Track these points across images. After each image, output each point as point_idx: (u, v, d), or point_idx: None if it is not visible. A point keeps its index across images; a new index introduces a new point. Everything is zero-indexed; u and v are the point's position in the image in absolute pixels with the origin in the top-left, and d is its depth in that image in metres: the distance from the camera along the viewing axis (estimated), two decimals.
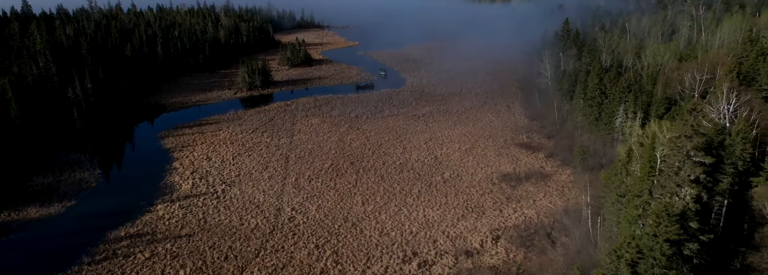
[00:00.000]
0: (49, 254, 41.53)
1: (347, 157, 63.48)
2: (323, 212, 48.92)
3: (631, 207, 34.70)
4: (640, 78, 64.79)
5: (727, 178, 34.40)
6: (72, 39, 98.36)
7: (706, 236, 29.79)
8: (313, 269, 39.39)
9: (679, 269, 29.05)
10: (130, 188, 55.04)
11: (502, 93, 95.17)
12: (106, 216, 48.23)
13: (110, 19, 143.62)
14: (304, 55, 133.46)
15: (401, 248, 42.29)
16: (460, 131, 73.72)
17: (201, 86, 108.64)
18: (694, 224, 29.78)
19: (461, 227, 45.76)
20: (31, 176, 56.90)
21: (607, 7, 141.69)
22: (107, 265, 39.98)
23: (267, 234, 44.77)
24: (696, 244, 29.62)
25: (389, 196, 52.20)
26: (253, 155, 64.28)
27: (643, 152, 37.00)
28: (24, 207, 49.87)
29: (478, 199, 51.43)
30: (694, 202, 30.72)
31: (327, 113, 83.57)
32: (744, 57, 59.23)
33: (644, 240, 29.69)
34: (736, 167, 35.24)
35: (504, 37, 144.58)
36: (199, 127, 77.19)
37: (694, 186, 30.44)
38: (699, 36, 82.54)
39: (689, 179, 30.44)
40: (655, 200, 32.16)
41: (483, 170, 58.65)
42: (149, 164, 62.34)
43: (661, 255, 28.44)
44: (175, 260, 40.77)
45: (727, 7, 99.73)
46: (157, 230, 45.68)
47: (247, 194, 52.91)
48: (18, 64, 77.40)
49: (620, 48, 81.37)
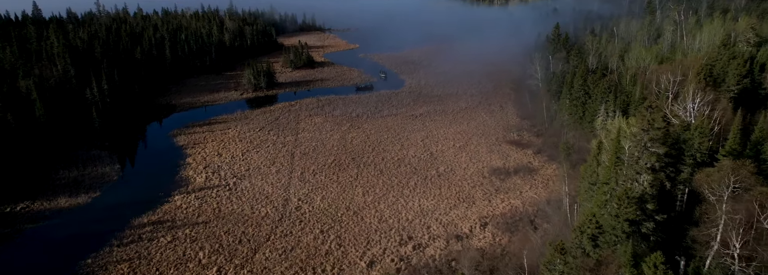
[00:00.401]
0: (82, 238, 46.11)
1: (349, 153, 68.08)
2: (327, 202, 53.52)
3: (600, 193, 39.19)
4: (622, 79, 69.47)
5: (687, 168, 38.90)
6: (86, 42, 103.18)
7: (660, 216, 34.34)
8: (319, 251, 43.95)
9: (638, 245, 33.61)
10: (148, 182, 59.66)
11: (496, 94, 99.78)
12: (128, 205, 52.79)
13: (120, 23, 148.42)
14: (306, 58, 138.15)
15: (398, 233, 46.85)
16: (455, 129, 78.32)
17: (208, 87, 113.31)
18: (650, 206, 34.37)
19: (453, 215, 50.32)
20: (57, 170, 61.55)
21: (600, 11, 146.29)
22: (134, 247, 44.57)
23: (276, 221, 49.36)
24: (652, 223, 34.21)
25: (387, 188, 56.78)
26: (261, 152, 68.90)
27: (610, 145, 41.56)
28: (54, 197, 54.53)
29: (469, 191, 55.99)
30: (650, 187, 35.34)
31: (329, 113, 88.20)
32: (717, 60, 64.02)
33: (608, 220, 34.34)
34: (695, 158, 39.72)
35: (500, 40, 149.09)
36: (209, 126, 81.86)
37: (650, 173, 35.01)
38: (681, 40, 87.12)
39: (646, 167, 35.03)
40: (619, 186, 36.70)
41: (475, 165, 63.22)
42: (164, 160, 66.96)
43: (622, 232, 33.08)
44: (194, 243, 45.35)
45: (710, 11, 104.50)
46: (176, 217, 50.29)
47: (256, 187, 57.52)
48: (39, 66, 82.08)
49: (607, 51, 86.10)
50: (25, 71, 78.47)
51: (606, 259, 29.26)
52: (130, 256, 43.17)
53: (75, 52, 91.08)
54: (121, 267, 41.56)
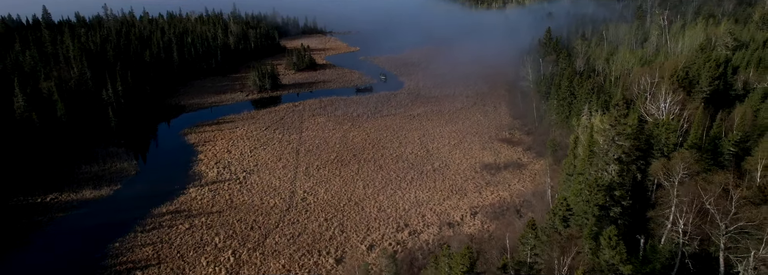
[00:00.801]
0: (108, 225, 50.69)
1: (350, 150, 72.70)
2: (330, 194, 58.11)
3: (576, 182, 43.75)
4: (606, 81, 74.14)
5: (656, 161, 43.48)
6: (98, 46, 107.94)
7: (626, 201, 38.89)
8: (324, 236, 48.53)
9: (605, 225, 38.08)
10: (164, 176, 64.25)
11: (490, 95, 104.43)
12: (147, 197, 57.37)
13: (128, 27, 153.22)
14: (309, 60, 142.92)
15: (395, 221, 51.43)
16: (451, 128, 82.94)
17: (215, 88, 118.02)
18: (618, 192, 38.89)
19: (446, 205, 54.89)
20: (79, 165, 66.17)
21: (594, 15, 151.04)
22: (156, 233, 49.16)
23: (284, 211, 53.96)
24: (619, 208, 38.74)
25: (386, 181, 61.36)
26: (268, 149, 73.53)
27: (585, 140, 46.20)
28: (79, 189, 59.15)
29: (461, 184, 60.58)
30: (618, 176, 39.87)
31: (331, 113, 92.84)
32: (693, 63, 68.70)
33: (580, 205, 38.92)
34: (662, 152, 44.30)
35: (496, 42, 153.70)
36: (218, 125, 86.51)
37: (617, 164, 39.58)
38: (666, 44, 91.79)
39: (614, 158, 39.61)
40: (591, 176, 41.27)
41: (468, 161, 67.81)
42: (177, 157, 71.59)
43: (592, 216, 37.63)
44: (210, 229, 49.94)
45: (696, 16, 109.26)
46: (192, 207, 54.89)
47: (265, 180, 62.12)
48: (57, 69, 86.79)
49: (595, 54, 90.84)
50: (45, 73, 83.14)
51: (574, 235, 33.82)
52: (152, 241, 47.76)
53: (89, 55, 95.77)
54: (145, 249, 46.15)
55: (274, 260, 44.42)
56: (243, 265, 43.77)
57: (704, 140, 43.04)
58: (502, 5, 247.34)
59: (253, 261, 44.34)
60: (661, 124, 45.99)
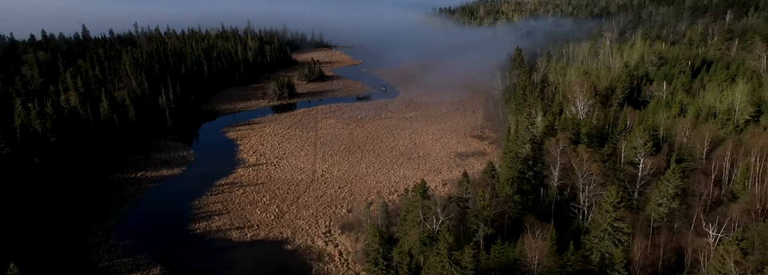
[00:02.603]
0: (186, 192, 71.98)
1: (355, 143, 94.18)
2: (341, 172, 79.48)
3: (507, 157, 65.01)
4: (555, 90, 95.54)
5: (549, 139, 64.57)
6: (146, 61, 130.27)
7: (537, 167, 60.15)
8: (338, 197, 69.81)
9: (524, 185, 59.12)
10: (216, 161, 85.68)
11: (470, 102, 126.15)
12: (207, 175, 78.75)
13: (160, 43, 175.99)
14: (318, 72, 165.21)
15: (388, 188, 72.68)
16: (435, 127, 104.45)
17: (240, 96, 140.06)
18: (530, 162, 60.21)
19: (425, 179, 75.97)
20: (151, 153, 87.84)
21: (568, 32, 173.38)
22: (220, 196, 70.53)
23: (309, 183, 75.32)
24: (532, 172, 59.95)
25: (382, 164, 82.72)
26: (292, 142, 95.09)
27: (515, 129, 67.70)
28: (158, 170, 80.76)
29: (438, 166, 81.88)
30: (531, 151, 61.13)
31: (339, 116, 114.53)
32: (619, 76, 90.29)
33: (507, 171, 60.17)
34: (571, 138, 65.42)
35: (481, 56, 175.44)
36: (249, 125, 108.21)
37: (530, 143, 60.91)
38: (607, 60, 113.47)
39: (527, 139, 61.01)
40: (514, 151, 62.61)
41: (445, 151, 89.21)
42: (223, 148, 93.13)
43: (513, 178, 58.85)
44: (258, 193, 71.29)
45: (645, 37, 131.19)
46: (242, 180, 76.28)
47: (292, 163, 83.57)
48: (122, 81, 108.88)
49: (552, 68, 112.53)
50: (113, 84, 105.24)
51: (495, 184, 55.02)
52: (220, 200, 69.13)
53: (141, 69, 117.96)
54: (216, 205, 67.50)
55: (305, 210, 65.75)
56: (284, 214, 65.09)
57: (598, 129, 64.63)
58: (493, 21, 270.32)
59: (291, 211, 65.70)
60: (568, 118, 67.67)
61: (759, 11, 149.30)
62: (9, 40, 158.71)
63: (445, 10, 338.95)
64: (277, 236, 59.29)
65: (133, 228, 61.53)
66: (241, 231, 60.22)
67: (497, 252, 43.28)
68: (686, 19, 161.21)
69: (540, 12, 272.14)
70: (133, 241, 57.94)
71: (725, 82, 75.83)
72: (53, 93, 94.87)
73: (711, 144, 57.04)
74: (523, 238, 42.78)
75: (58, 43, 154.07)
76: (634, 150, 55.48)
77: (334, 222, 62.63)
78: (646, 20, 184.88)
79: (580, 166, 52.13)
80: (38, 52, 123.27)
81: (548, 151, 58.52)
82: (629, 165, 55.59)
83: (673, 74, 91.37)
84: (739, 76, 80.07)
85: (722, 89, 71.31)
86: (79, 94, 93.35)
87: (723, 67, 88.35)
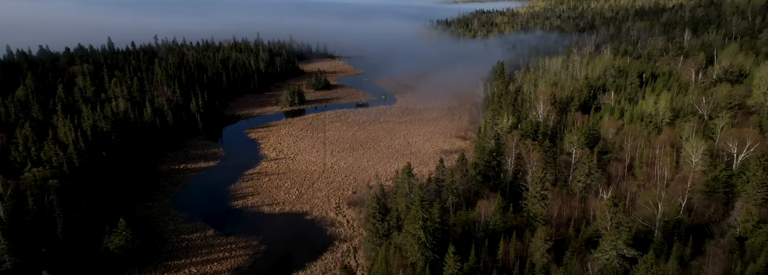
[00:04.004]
0: (222, 179, 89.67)
1: (358, 142, 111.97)
2: (347, 164, 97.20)
3: (477, 150, 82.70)
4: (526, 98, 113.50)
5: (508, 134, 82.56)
6: (175, 71, 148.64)
7: (500, 157, 77.88)
8: (345, 183, 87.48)
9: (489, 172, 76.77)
10: (243, 156, 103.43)
11: (458, 108, 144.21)
12: (238, 166, 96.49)
13: (180, 55, 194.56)
14: (324, 82, 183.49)
15: (385, 176, 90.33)
16: (426, 130, 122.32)
17: (255, 103, 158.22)
18: (495, 153, 77.97)
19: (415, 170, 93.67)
20: (188, 150, 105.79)
21: (546, 46, 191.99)
22: (251, 182, 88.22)
23: (321, 172, 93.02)
24: (496, 162, 77.64)
25: (380, 159, 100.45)
26: (305, 141, 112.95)
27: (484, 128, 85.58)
28: (196, 163, 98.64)
29: (427, 160, 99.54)
30: (495, 145, 78.93)
31: (344, 120, 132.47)
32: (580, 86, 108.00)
33: (477, 161, 77.88)
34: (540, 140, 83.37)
35: (471, 68, 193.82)
36: (267, 128, 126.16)
37: (494, 140, 78.69)
38: (577, 71, 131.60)
39: (492, 136, 78.84)
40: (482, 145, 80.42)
41: (433, 148, 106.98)
42: (247, 146, 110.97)
43: (481, 166, 76.54)
44: (280, 180, 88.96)
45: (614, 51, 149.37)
46: (267, 171, 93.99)
47: (306, 158, 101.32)
48: (158, 90, 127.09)
49: (527, 79, 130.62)
50: (151, 92, 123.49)
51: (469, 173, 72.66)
52: (251, 185, 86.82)
53: (173, 79, 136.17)
54: (248, 188, 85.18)
55: (319, 192, 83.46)
56: (303, 195, 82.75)
57: (552, 129, 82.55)
58: (486, 34, 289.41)
59: (308, 193, 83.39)
60: (530, 121, 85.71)
61: (718, 29, 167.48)
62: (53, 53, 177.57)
63: (442, 23, 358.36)
64: (298, 210, 77.03)
65: (187, 204, 79.37)
66: (270, 206, 78.00)
67: (461, 214, 61.01)
68: (657, 34, 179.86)
69: (531, 24, 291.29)
70: (188, 213, 75.67)
71: (659, 92, 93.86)
72: (105, 100, 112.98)
73: (632, 140, 74.79)
74: (479, 204, 60.47)
75: (98, 55, 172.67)
76: (570, 144, 73.33)
77: (342, 200, 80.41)
78: (624, 34, 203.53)
79: (528, 155, 70.04)
80: (84, 65, 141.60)
81: (506, 144, 76.37)
82: (566, 155, 73.49)
83: (626, 84, 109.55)
84: (673, 87, 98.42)
85: (655, 98, 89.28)
86: (127, 101, 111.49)
87: (664, 80, 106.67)
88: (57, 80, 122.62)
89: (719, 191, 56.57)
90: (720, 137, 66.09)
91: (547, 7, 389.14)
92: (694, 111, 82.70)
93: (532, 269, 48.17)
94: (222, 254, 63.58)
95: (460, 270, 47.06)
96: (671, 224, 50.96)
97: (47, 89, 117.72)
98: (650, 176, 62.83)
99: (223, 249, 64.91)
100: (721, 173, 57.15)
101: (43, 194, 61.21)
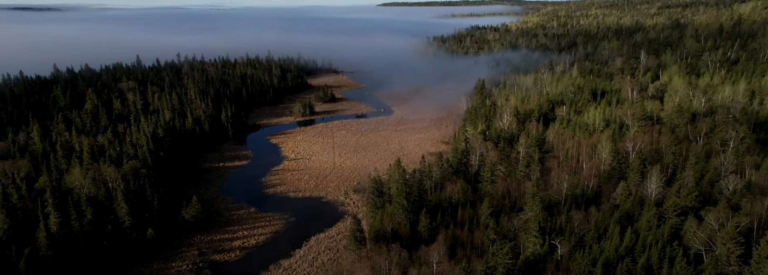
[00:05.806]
0: (254, 174, 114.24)
1: (361, 146, 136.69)
2: (352, 163, 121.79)
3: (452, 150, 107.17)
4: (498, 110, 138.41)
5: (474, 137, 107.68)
6: (204, 86, 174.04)
7: (468, 156, 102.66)
8: (351, 177, 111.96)
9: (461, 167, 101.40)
10: (268, 157, 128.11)
11: (446, 119, 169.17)
12: (265, 165, 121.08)
13: (202, 71, 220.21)
14: (330, 95, 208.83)
15: (382, 172, 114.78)
16: (417, 137, 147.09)
17: (272, 114, 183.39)
18: (465, 152, 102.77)
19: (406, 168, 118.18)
20: (223, 152, 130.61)
21: (527, 64, 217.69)
22: (277, 176, 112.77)
23: (331, 169, 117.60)
24: (465, 159, 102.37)
25: (379, 159, 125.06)
26: (317, 145, 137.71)
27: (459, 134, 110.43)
28: (232, 161, 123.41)
29: (416, 160, 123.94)
30: (466, 147, 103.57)
31: (349, 128, 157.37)
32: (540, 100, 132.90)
33: (452, 153, 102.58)
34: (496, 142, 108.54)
35: (460, 84, 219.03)
36: (284, 134, 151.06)
37: (464, 144, 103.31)
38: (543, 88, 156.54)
39: (463, 140, 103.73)
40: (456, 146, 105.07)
41: (421, 151, 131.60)
42: (270, 149, 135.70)
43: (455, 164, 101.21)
44: (300, 174, 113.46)
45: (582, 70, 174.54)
46: (289, 168, 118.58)
47: (319, 159, 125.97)
48: (194, 102, 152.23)
49: (502, 95, 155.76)
50: (187, 105, 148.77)
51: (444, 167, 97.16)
52: (277, 178, 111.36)
53: (205, 94, 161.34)
54: (276, 180, 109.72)
55: (331, 183, 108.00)
56: (319, 185, 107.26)
57: (512, 134, 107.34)
58: (477, 51, 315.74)
59: (323, 183, 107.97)
60: (494, 129, 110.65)
61: (674, 50, 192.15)
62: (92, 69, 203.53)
63: (437, 39, 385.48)
64: (316, 195, 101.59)
65: (231, 191, 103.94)
66: (294, 193, 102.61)
67: (436, 194, 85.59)
68: (625, 55, 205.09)
69: (519, 42, 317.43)
70: (233, 197, 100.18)
71: (598, 107, 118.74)
72: (154, 112, 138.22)
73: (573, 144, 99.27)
74: (448, 187, 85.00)
75: (135, 72, 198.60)
76: (520, 145, 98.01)
77: (349, 188, 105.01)
78: (598, 54, 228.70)
79: (488, 154, 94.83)
80: (129, 82, 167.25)
81: (473, 146, 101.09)
82: (516, 154, 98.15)
83: (579, 100, 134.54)
84: (613, 102, 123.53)
85: (594, 111, 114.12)
86: (172, 112, 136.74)
87: (610, 96, 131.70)
88: (112, 95, 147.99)
89: (615, 177, 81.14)
90: (624, 140, 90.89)
91: (540, 23, 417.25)
92: (622, 122, 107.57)
93: (478, 224, 72.62)
94: (263, 222, 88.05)
95: (430, 224, 71.51)
96: (573, 196, 75.50)
97: (104, 103, 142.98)
98: (574, 168, 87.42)
99: (263, 219, 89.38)
100: (616, 164, 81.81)
101: (137, 180, 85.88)
